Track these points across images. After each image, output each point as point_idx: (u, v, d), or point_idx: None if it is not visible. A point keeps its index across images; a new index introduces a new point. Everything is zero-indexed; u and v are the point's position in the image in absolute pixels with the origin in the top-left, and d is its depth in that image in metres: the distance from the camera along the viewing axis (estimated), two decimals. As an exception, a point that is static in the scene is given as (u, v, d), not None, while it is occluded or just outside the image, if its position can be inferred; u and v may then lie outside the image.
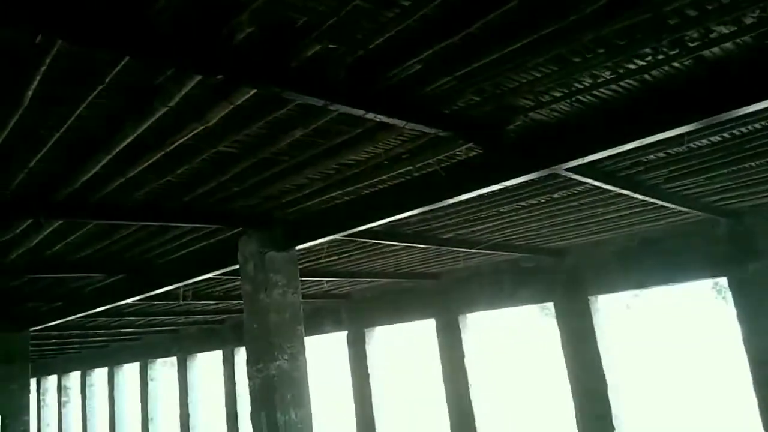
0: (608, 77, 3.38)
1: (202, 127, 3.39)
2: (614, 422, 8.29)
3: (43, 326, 9.89)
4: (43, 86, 2.76)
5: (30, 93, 2.80)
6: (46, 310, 9.59)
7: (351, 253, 7.71)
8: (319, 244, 6.00)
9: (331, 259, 7.88)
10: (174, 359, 16.59)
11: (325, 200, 5.19)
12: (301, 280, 5.86)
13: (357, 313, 12.08)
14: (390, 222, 5.35)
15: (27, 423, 10.06)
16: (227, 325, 14.42)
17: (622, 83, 3.47)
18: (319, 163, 4.30)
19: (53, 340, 14.35)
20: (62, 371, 21.81)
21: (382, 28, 2.66)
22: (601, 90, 3.54)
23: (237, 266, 5.85)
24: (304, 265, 7.81)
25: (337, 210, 5.30)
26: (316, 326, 12.45)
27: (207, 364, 16.38)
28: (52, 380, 22.93)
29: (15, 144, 3.33)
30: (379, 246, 7.31)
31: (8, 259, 5.95)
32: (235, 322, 13.91)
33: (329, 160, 4.26)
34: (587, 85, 3.45)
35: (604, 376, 8.47)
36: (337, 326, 12.45)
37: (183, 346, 16.10)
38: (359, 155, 4.24)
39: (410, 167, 4.45)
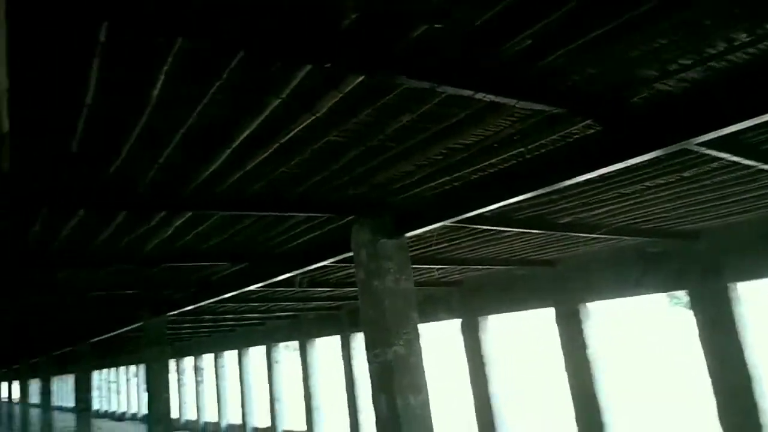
0: (745, 40, 3.00)
1: (312, 118, 3.46)
2: (762, 419, 7.54)
3: (178, 311, 10.77)
4: (166, 86, 2.94)
5: (155, 93, 2.99)
6: (180, 296, 10.42)
7: (461, 240, 7.60)
8: (429, 231, 5.96)
9: (441, 246, 7.82)
10: (295, 343, 17.43)
11: (434, 186, 5.13)
12: (412, 268, 5.86)
13: (469, 300, 11.95)
14: (501, 207, 5.18)
15: (168, 400, 11.03)
16: (344, 311, 14.89)
17: (761, 45, 3.08)
18: (427, 149, 4.24)
19: (188, 324, 15.61)
20: (197, 353, 23.70)
21: (489, 2, 2.54)
22: (737, 54, 3.16)
23: (350, 254, 5.97)
24: (415, 252, 7.82)
25: (446, 196, 5.22)
26: (428, 314, 12.49)
27: (326, 349, 17.04)
28: (188, 361, 25.02)
29: (146, 142, 3.59)
30: (490, 232, 7.14)
31: (146, 249, 6.50)
32: (351, 308, 14.33)
33: (437, 145, 4.20)
34: (721, 49, 3.10)
35: (748, 369, 7.72)
36: (449, 314, 12.41)
37: (303, 331, 16.85)
38: (467, 139, 4.13)
39: (522, 149, 4.27)
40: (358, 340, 14.99)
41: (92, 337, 15.87)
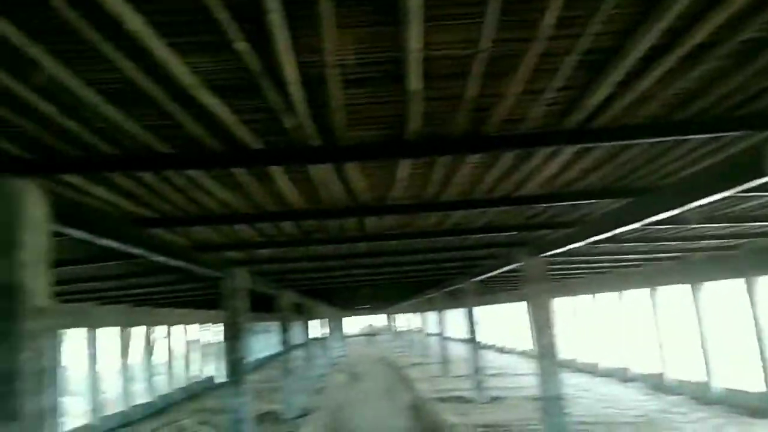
0: None
1: (725, 14, 2.89)
2: None
3: (554, 252, 10.83)
4: (559, 12, 2.82)
5: (546, 22, 2.90)
6: (556, 237, 10.46)
7: None
8: None
9: None
10: (683, 287, 15.91)
11: None
12: None
13: None
14: None
15: (552, 336, 11.34)
16: (743, 250, 12.80)
17: None
18: None
19: (563, 265, 15.73)
20: (572, 293, 23.91)
21: None
22: None
23: (763, 180, 4.96)
24: None
25: None
26: None
27: (717, 292, 15.04)
28: (564, 301, 25.38)
29: (535, 76, 3.56)
30: None
31: (525, 188, 6.63)
32: (755, 247, 12.22)
33: None
34: None
35: None
36: None
37: (691, 273, 15.24)
38: None
39: None
40: (762, 284, 12.72)
41: (475, 276, 17.49)
